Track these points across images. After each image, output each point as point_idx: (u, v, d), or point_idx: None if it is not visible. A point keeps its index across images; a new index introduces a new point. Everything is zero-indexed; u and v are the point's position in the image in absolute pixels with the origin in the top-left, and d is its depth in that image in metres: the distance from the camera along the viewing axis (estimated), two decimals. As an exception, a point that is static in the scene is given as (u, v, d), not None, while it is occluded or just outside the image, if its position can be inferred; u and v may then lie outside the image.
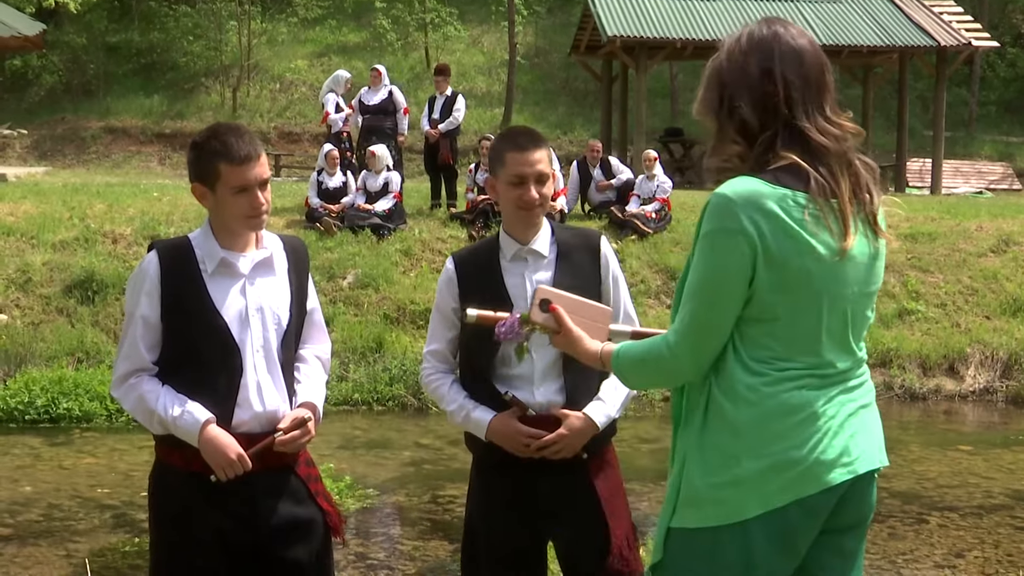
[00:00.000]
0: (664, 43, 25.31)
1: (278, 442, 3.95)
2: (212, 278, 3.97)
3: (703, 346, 3.06)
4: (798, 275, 2.98)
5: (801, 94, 3.05)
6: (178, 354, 3.95)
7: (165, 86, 35.45)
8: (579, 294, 4.13)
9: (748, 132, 3.07)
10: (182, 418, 3.87)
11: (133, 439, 11.54)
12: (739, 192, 2.98)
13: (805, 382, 3.03)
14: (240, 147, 3.90)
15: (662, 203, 17.22)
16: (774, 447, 3.00)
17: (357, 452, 11.34)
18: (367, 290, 15.03)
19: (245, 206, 3.93)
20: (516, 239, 4.30)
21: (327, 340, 4.36)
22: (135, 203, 17.16)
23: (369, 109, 18.06)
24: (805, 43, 3.11)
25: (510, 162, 4.20)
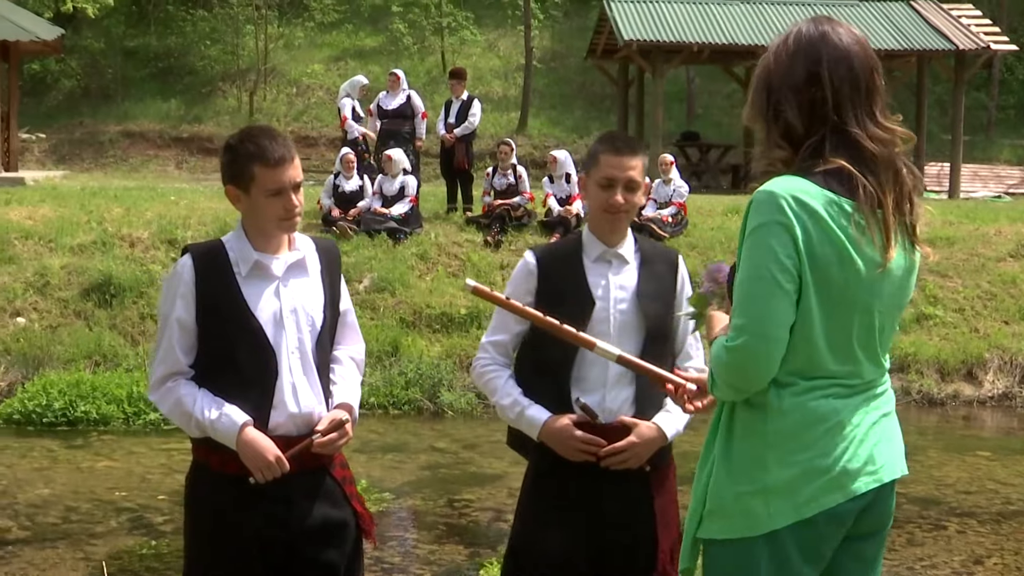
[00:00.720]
0: (680, 47, 25.31)
1: (316, 444, 3.95)
2: (246, 280, 3.98)
3: (766, 345, 2.94)
4: (836, 284, 2.93)
5: (850, 98, 2.98)
6: (214, 357, 3.96)
7: (182, 90, 35.54)
8: (657, 303, 4.21)
9: (793, 136, 3.01)
10: (220, 421, 3.89)
11: (150, 442, 11.57)
12: (784, 188, 2.92)
13: (833, 391, 3.00)
14: (275, 149, 3.91)
15: (678, 207, 17.20)
16: (802, 456, 2.97)
17: (373, 456, 11.34)
18: (383, 294, 15.04)
19: (279, 208, 3.94)
20: (602, 241, 4.28)
21: (361, 341, 4.35)
22: (152, 207, 17.21)
23: (387, 114, 18.05)
24: (854, 44, 3.03)
25: (603, 164, 4.20)
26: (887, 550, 3.26)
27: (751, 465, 3.01)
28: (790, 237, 2.89)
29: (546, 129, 33.10)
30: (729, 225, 17.74)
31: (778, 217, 2.90)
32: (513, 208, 16.82)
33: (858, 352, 3.02)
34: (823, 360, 2.98)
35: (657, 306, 4.24)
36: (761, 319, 2.94)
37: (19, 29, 23.34)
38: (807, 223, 2.89)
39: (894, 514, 3.23)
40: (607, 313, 4.18)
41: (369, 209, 16.67)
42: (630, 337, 4.16)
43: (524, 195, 17.10)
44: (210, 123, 33.68)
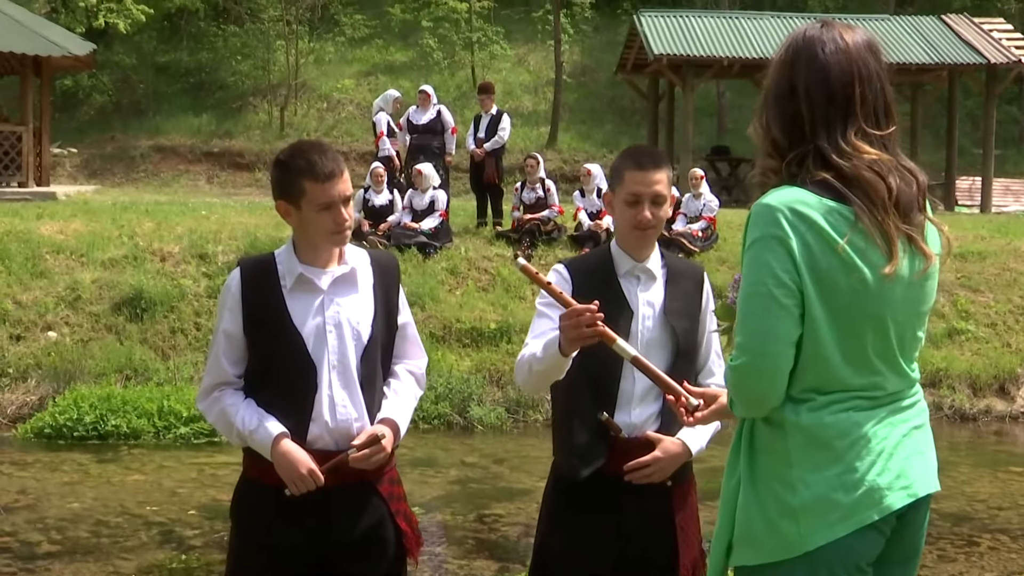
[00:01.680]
0: (711, 61, 25.31)
1: (351, 459, 3.95)
2: (291, 294, 4.01)
3: (768, 362, 2.90)
4: (844, 294, 2.86)
5: (824, 113, 2.93)
6: (259, 368, 4.01)
7: (213, 105, 35.71)
8: (684, 319, 4.21)
9: (779, 148, 2.99)
10: (257, 432, 3.93)
11: (180, 456, 11.62)
12: (781, 200, 2.88)
13: (853, 404, 2.92)
14: (325, 164, 3.94)
15: (708, 222, 17.19)
16: (827, 472, 2.89)
17: (403, 470, 11.23)
18: (413, 308, 14.92)
19: (330, 222, 3.96)
20: (631, 255, 4.26)
21: (423, 355, 4.35)
22: (183, 221, 17.29)
23: (417, 128, 18.08)
24: (837, 53, 2.96)
25: (628, 180, 4.17)
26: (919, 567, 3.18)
27: (777, 486, 2.94)
28: (786, 251, 2.85)
29: (576, 144, 33.10)
30: (759, 239, 17.69)
31: (774, 231, 2.87)
32: (543, 222, 16.83)
33: (876, 362, 2.94)
34: (838, 373, 2.91)
35: (684, 323, 4.23)
36: (760, 336, 2.90)
37: (51, 44, 23.51)
38: (806, 234, 2.84)
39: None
40: (635, 328, 4.17)
41: (399, 223, 16.71)
42: (657, 353, 4.13)
43: (553, 208, 17.11)
44: (241, 138, 33.83)
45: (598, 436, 4.13)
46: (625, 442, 4.11)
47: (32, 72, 23.97)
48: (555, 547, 4.26)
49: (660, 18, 26.57)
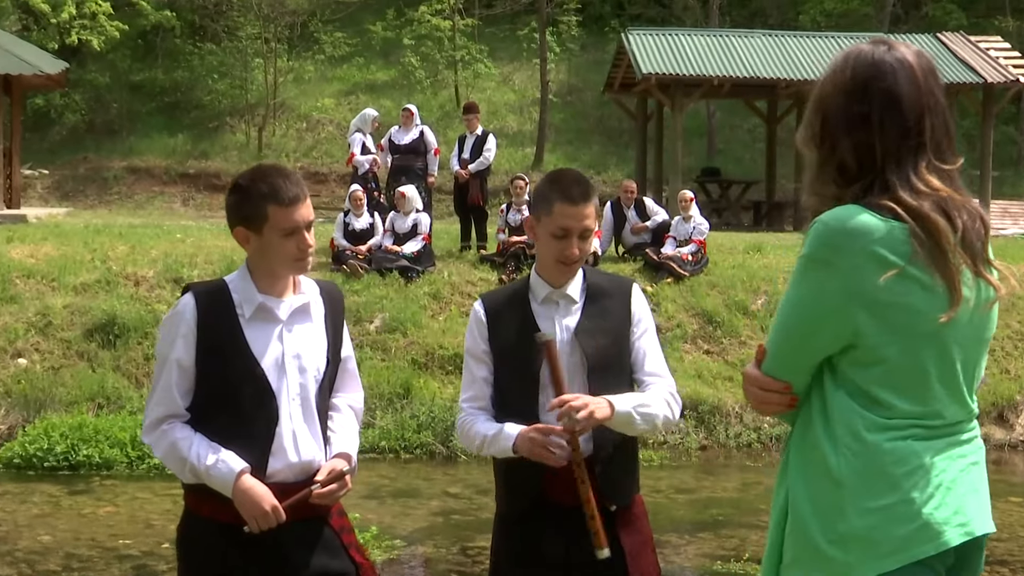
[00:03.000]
0: (701, 81, 25.36)
1: (315, 495, 3.95)
2: (249, 323, 3.99)
3: (787, 372, 2.97)
4: (906, 316, 2.83)
5: (896, 144, 2.90)
6: (212, 400, 3.97)
7: (189, 125, 35.70)
8: (606, 338, 4.21)
9: (847, 175, 2.94)
10: (216, 467, 3.88)
11: (154, 487, 11.56)
12: (842, 222, 2.85)
13: (912, 432, 2.87)
14: (288, 188, 3.93)
15: (698, 245, 17.19)
16: (882, 500, 2.83)
17: (384, 501, 11.32)
18: (395, 334, 15.05)
19: (293, 249, 3.96)
20: (548, 283, 4.29)
21: (360, 389, 4.38)
22: (158, 245, 17.27)
23: (399, 149, 18.12)
24: (908, 83, 2.94)
25: (557, 213, 4.17)
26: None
27: (827, 510, 2.88)
28: (836, 276, 2.84)
29: (563, 164, 33.04)
30: (751, 263, 17.73)
31: (824, 253, 2.86)
32: (529, 245, 16.82)
33: (938, 389, 2.90)
34: (897, 400, 2.87)
35: (598, 340, 4.23)
36: (781, 354, 2.97)
37: (22, 63, 23.51)
38: (861, 261, 2.81)
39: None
40: None
41: (380, 247, 16.71)
42: (578, 379, 4.19)
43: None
44: (217, 159, 33.81)
45: (533, 467, 4.12)
46: (563, 469, 4.09)
47: (2, 91, 23.96)
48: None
49: (648, 36, 26.65)
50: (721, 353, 15.46)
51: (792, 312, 2.95)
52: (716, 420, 14.05)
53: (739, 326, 15.85)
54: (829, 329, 2.89)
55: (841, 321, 2.86)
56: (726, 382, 14.62)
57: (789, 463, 3.03)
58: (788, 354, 2.97)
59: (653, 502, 10.43)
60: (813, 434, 2.96)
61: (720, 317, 15.87)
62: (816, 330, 2.90)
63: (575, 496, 4.08)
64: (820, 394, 2.97)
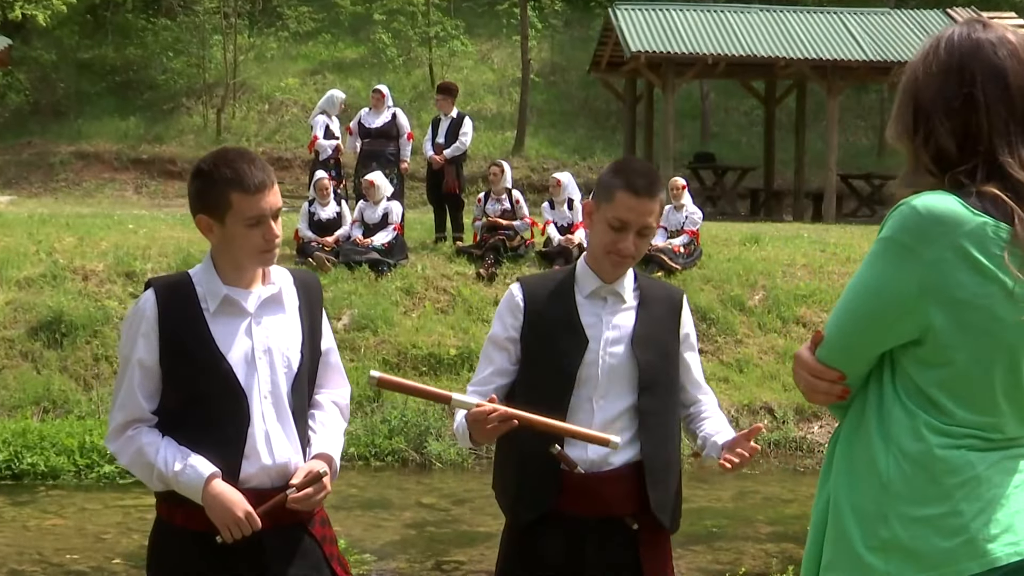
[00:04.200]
0: (694, 59, 25.40)
1: (291, 499, 3.94)
2: (215, 318, 3.99)
3: (843, 362, 2.97)
4: (983, 319, 2.80)
5: (1004, 123, 2.86)
6: (179, 402, 3.96)
7: (142, 107, 35.60)
8: (651, 350, 4.23)
9: (945, 162, 2.90)
10: (184, 473, 3.88)
11: (104, 498, 11.53)
12: (932, 210, 2.82)
13: (968, 442, 2.85)
14: (254, 174, 3.92)
15: (691, 236, 17.19)
16: (928, 510, 2.82)
17: (353, 512, 11.31)
18: (364, 333, 15.03)
19: (258, 239, 3.95)
20: (598, 276, 4.28)
21: (346, 384, 4.37)
22: (108, 236, 17.21)
23: (370, 133, 18.07)
24: (1010, 57, 2.90)
25: (619, 202, 4.15)
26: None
27: (870, 515, 2.88)
28: (916, 265, 2.82)
29: (545, 150, 33.17)
30: (748, 256, 17.76)
31: (907, 238, 2.84)
32: (509, 237, 16.81)
33: (1001, 402, 2.87)
34: (957, 406, 2.87)
35: (651, 354, 4.25)
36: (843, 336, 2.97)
37: (-39, 40, 23.43)
38: (945, 254, 2.79)
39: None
40: (596, 355, 4.20)
41: (348, 238, 16.68)
42: (619, 385, 4.20)
43: (524, 220, 17.10)
44: (173, 143, 33.74)
45: (548, 475, 4.14)
46: (582, 478, 4.11)
47: (-61, 70, 23.88)
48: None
49: (637, 11, 26.68)
50: (716, 353, 15.48)
51: (860, 297, 2.94)
52: (710, 424, 14.05)
53: (735, 324, 15.88)
54: (898, 321, 2.88)
55: (913, 314, 2.85)
56: (721, 383, 14.64)
57: (835, 460, 3.03)
58: (848, 342, 2.97)
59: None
60: (865, 432, 2.96)
61: (714, 314, 15.89)
62: (883, 320, 2.90)
63: (591, 506, 4.13)
64: (877, 389, 2.97)
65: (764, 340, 15.67)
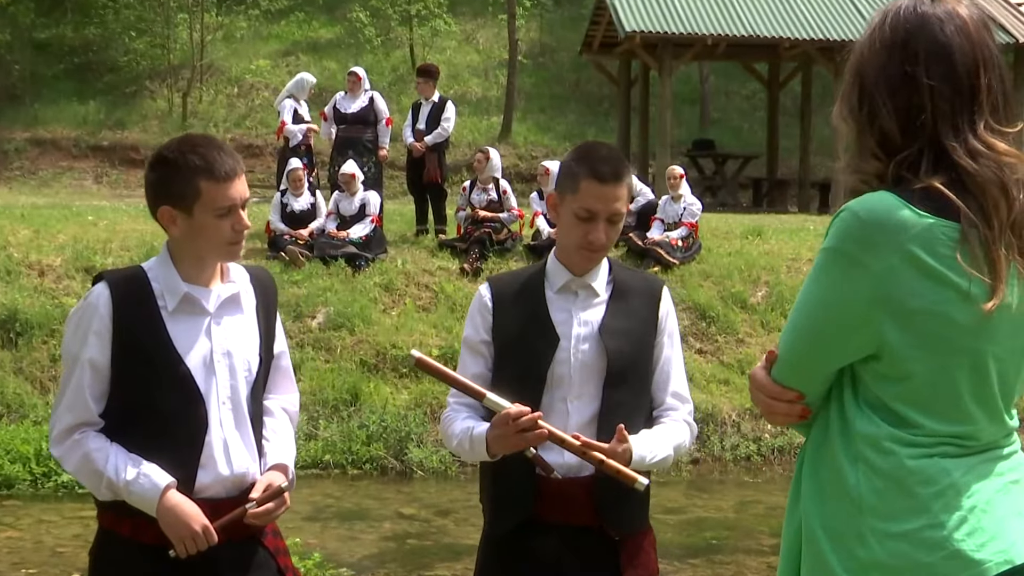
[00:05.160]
0: (692, 40, 25.39)
1: (250, 515, 3.95)
2: (173, 317, 3.98)
3: (799, 381, 2.98)
4: (938, 326, 2.81)
5: (949, 104, 2.88)
6: (131, 406, 3.94)
7: (103, 90, 35.50)
8: (623, 340, 4.22)
9: (889, 145, 2.91)
10: (137, 482, 3.86)
11: (62, 509, 11.52)
12: (875, 215, 2.83)
13: (942, 449, 2.85)
14: (224, 161, 3.93)
15: (690, 229, 17.19)
16: (906, 525, 2.82)
17: (328, 524, 11.31)
18: (340, 332, 15.02)
19: (228, 230, 3.96)
20: (569, 269, 4.31)
21: (295, 390, 4.39)
22: (66, 229, 17.17)
23: (346, 118, 18.02)
24: (957, 34, 2.91)
25: (584, 192, 4.17)
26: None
27: (845, 536, 2.88)
28: (863, 275, 2.83)
29: (533, 136, 33.17)
30: (750, 249, 17.78)
31: (851, 248, 2.84)
32: (495, 230, 16.80)
33: (971, 408, 2.89)
34: (925, 418, 2.88)
35: (622, 344, 4.25)
36: (796, 358, 2.98)
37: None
38: (892, 260, 2.80)
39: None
40: (568, 354, 4.23)
41: (323, 231, 16.65)
42: (594, 383, 4.22)
43: (512, 211, 17.09)
44: (135, 129, 33.65)
45: (524, 480, 4.16)
46: (559, 484, 4.13)
47: None
48: None
49: (632, -11, 26.67)
50: (715, 353, 15.50)
51: (808, 313, 2.95)
52: (710, 430, 14.07)
53: (736, 322, 15.90)
54: (849, 336, 2.89)
55: (865, 328, 2.86)
56: (721, 386, 14.67)
57: (803, 481, 3.03)
58: (801, 361, 2.98)
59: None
60: (829, 450, 2.96)
61: (714, 312, 15.91)
62: (834, 336, 2.91)
63: (569, 513, 4.14)
64: (839, 405, 2.98)
65: (767, 340, 15.68)
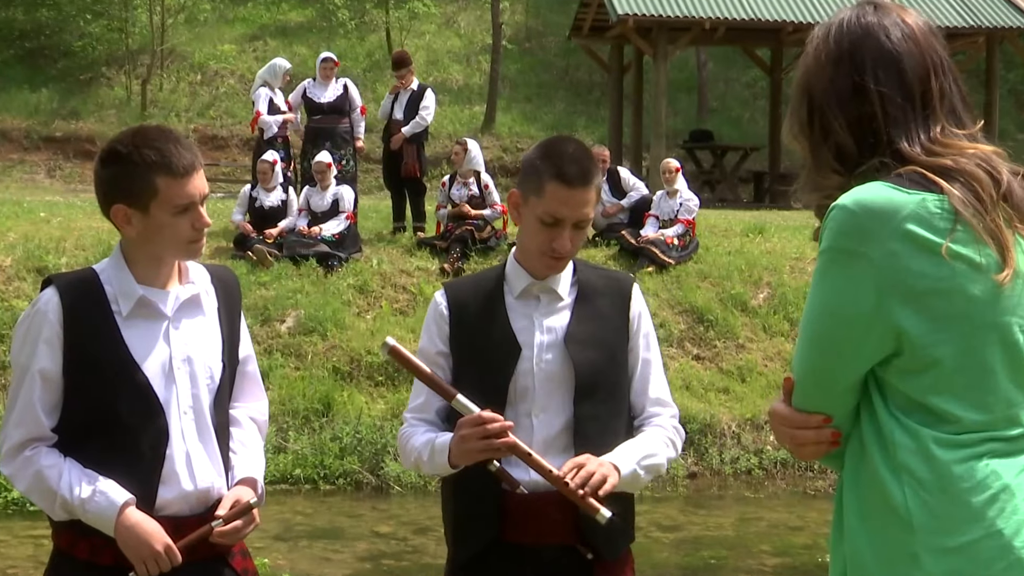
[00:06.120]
0: (689, 23, 25.41)
1: (216, 533, 3.94)
2: (128, 321, 3.96)
3: (823, 401, 2.96)
4: (955, 304, 2.82)
5: (902, 110, 2.95)
6: (85, 419, 3.92)
7: (56, 77, 35.46)
8: (600, 351, 4.19)
9: (847, 159, 2.98)
10: (93, 500, 3.84)
11: (13, 527, 11.50)
12: (864, 203, 2.85)
13: (988, 447, 2.84)
14: (182, 155, 3.91)
15: (686, 226, 17.18)
16: (962, 536, 2.79)
17: (299, 543, 11.30)
18: (311, 337, 15.01)
19: (187, 228, 3.94)
20: (530, 273, 4.26)
21: (264, 397, 4.38)
22: (17, 226, 17.15)
23: (321, 108, 17.98)
24: (905, 40, 2.99)
25: (550, 195, 4.10)
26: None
27: (897, 559, 2.85)
28: (867, 267, 2.83)
29: (519, 127, 33.19)
30: (751, 248, 17.79)
31: (848, 243, 2.86)
32: (477, 227, 16.78)
33: (1008, 388, 2.88)
34: (962, 409, 2.85)
35: (590, 352, 4.22)
36: (816, 373, 2.96)
37: None
38: (894, 245, 2.81)
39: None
40: (531, 364, 4.19)
41: (294, 229, 16.63)
42: (560, 395, 4.18)
43: (495, 207, 17.06)
44: (91, 119, 33.60)
45: (488, 498, 4.14)
46: (524, 499, 4.09)
47: None
48: None
49: (625, -31, 26.68)
50: (714, 359, 15.51)
51: (818, 323, 2.94)
52: (708, 442, 14.08)
53: (736, 326, 15.90)
54: (865, 337, 2.88)
55: (879, 324, 2.85)
56: (720, 394, 14.68)
57: (845, 514, 3.00)
58: (820, 378, 2.96)
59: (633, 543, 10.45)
60: (869, 468, 2.93)
61: (713, 315, 15.91)
62: (850, 341, 2.89)
63: (540, 533, 4.09)
64: (871, 418, 2.95)
65: (769, 345, 15.71)
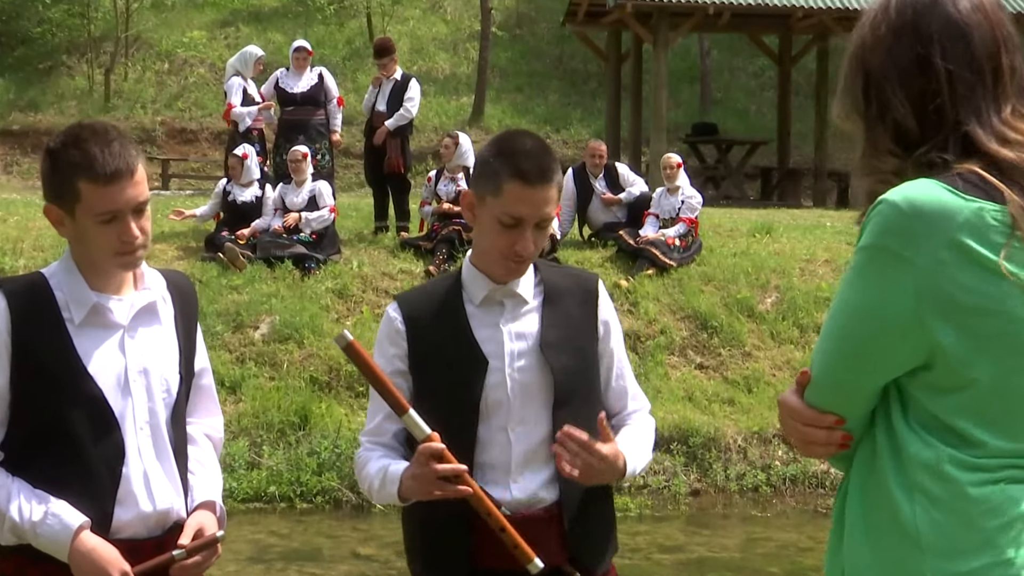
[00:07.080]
0: (691, 8, 25.42)
1: (179, 565, 3.93)
2: (80, 330, 3.94)
3: (839, 403, 2.94)
4: (999, 324, 2.80)
5: (970, 88, 2.88)
6: (35, 434, 3.91)
7: (13, 66, 35.46)
8: (572, 356, 4.19)
9: (907, 139, 2.92)
10: (45, 523, 3.82)
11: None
12: (916, 203, 2.80)
13: (1008, 473, 2.84)
14: (107, 159, 3.84)
15: (688, 225, 17.16)
16: (972, 562, 2.80)
17: (273, 566, 11.30)
18: (287, 344, 14.99)
19: (112, 239, 3.89)
20: (490, 278, 4.21)
21: (219, 412, 4.40)
22: (-29, 226, 17.15)
23: (293, 99, 17.97)
24: (974, 12, 2.92)
25: (508, 195, 4.06)
26: None
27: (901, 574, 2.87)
28: (909, 272, 2.80)
29: (509, 119, 33.17)
30: (757, 249, 17.79)
31: (893, 243, 2.81)
32: (465, 227, 16.77)
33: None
34: (989, 434, 2.84)
35: (566, 357, 4.21)
36: (835, 378, 2.94)
37: None
38: (939, 249, 2.77)
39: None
40: (502, 375, 4.16)
41: (268, 229, 16.60)
42: (537, 405, 4.17)
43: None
44: (51, 111, 33.60)
45: (454, 521, 4.10)
46: (509, 520, 4.02)
47: None
48: None
49: (623, -50, 26.68)
50: (718, 368, 15.51)
51: (847, 322, 2.92)
52: (712, 456, 14.07)
53: (742, 333, 15.90)
54: (896, 345, 2.86)
55: (914, 335, 2.83)
56: (725, 406, 14.67)
57: (847, 522, 3.01)
58: (840, 379, 2.94)
59: (630, 564, 10.43)
60: (879, 480, 2.93)
61: (717, 321, 15.91)
62: (878, 347, 2.88)
63: (512, 559, 4.01)
64: (886, 428, 2.95)
65: (778, 353, 15.71)
